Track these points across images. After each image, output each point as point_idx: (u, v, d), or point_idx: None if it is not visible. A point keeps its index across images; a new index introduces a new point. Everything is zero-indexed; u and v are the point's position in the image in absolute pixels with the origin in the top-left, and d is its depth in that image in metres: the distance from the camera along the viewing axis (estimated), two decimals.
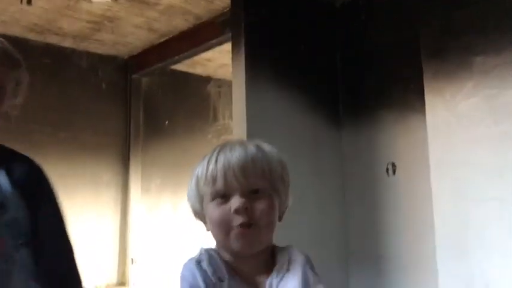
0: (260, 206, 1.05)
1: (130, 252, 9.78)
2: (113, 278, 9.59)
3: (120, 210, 9.93)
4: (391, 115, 5.42)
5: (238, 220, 1.04)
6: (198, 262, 1.06)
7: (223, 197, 1.06)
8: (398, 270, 5.11)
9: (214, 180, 1.08)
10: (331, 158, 5.56)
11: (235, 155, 1.07)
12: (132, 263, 9.79)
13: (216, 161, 1.09)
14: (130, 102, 10.09)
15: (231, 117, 5.70)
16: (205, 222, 1.17)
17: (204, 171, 1.10)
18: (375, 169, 5.39)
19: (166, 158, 10.48)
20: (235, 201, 1.04)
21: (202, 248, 1.13)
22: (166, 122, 10.22)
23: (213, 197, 1.08)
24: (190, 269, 1.05)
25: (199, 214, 1.18)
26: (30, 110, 8.70)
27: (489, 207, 4.11)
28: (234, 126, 5.11)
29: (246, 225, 1.04)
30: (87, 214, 9.34)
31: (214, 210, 1.08)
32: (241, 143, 1.11)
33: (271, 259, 1.12)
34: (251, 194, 1.05)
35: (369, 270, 5.31)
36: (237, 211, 1.03)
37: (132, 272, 9.76)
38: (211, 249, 1.14)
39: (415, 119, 5.13)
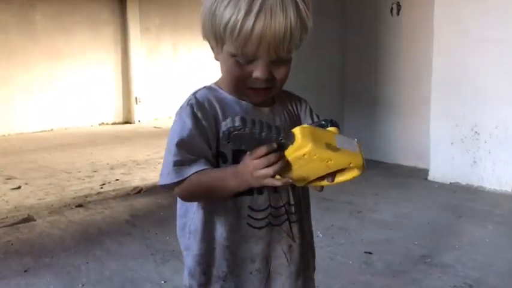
0: (281, 72, 0.99)
1: (134, 92, 10.03)
2: (119, 116, 9.97)
3: (121, 50, 9.88)
4: None
5: (257, 84, 0.99)
6: (192, 107, 1.00)
7: (247, 58, 0.96)
8: (391, 112, 5.27)
9: (244, 42, 0.93)
10: None
11: (275, 25, 0.91)
12: (137, 102, 10.11)
13: (254, 24, 0.91)
14: None
15: None
16: (214, 52, 1.05)
17: (237, 27, 0.91)
18: (379, 8, 5.22)
19: None
20: (260, 70, 0.96)
21: (192, 95, 1.05)
22: None
23: (234, 55, 0.96)
24: (184, 115, 1.00)
25: (213, 47, 1.04)
26: None
27: (489, 48, 4.09)
28: None
29: (264, 89, 1.01)
30: (88, 54, 9.32)
31: (232, 67, 0.98)
32: (282, 5, 0.92)
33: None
34: (275, 59, 0.97)
35: (363, 111, 5.48)
36: (260, 79, 0.97)
37: (137, 110, 10.14)
38: (209, 88, 1.08)
39: None
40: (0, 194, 4.33)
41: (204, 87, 1.09)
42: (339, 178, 0.91)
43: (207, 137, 1.00)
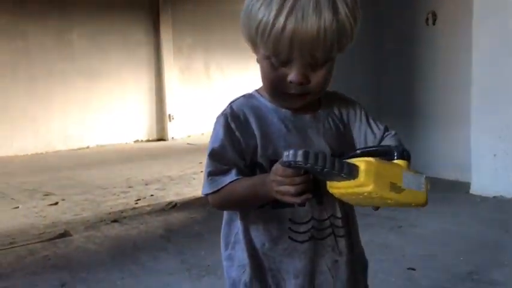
0: (318, 76, 0.94)
1: (168, 110, 10.15)
2: (153, 134, 10.09)
3: (154, 69, 10.05)
4: None
5: (292, 89, 0.94)
6: (226, 118, 1.00)
7: (280, 60, 0.92)
8: (430, 123, 5.13)
9: (276, 43, 0.89)
10: (368, 7, 5.28)
11: (306, 25, 0.87)
12: (170, 119, 10.22)
13: (285, 24, 0.87)
14: None
15: None
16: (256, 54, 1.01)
17: (268, 26, 0.89)
18: (415, 19, 5.12)
19: (196, 17, 10.23)
20: (294, 73, 0.92)
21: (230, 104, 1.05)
22: None
23: (268, 57, 0.93)
24: (218, 126, 1.01)
25: (252, 48, 1.01)
26: None
27: None
28: None
29: (300, 95, 0.96)
30: (123, 73, 9.50)
31: (268, 71, 0.95)
32: (316, 5, 0.88)
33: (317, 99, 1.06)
34: (311, 62, 0.93)
35: (400, 123, 5.34)
36: (294, 83, 0.93)
37: (170, 127, 10.25)
38: (247, 97, 1.06)
39: None
40: (37, 210, 4.39)
41: (243, 95, 1.07)
42: None
43: (239, 147, 0.98)
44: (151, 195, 4.82)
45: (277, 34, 0.88)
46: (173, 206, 4.28)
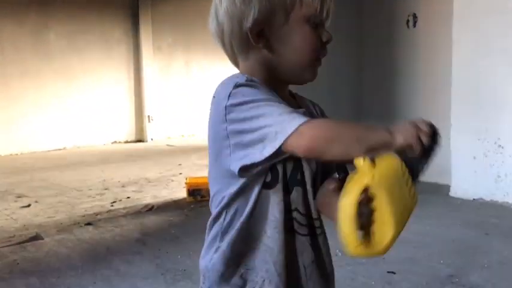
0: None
1: (147, 110, 10.01)
2: (132, 135, 9.94)
3: (133, 68, 9.89)
4: None
5: (324, 52, 0.94)
6: (248, 80, 0.87)
7: (320, 18, 0.92)
8: None
9: (322, 1, 0.91)
10: (349, 10, 5.25)
11: None
12: (149, 120, 10.07)
13: None
14: None
15: None
16: (259, 36, 0.90)
17: None
18: (395, 21, 5.11)
19: (177, 15, 10.12)
20: (327, 33, 0.93)
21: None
22: None
23: (309, 20, 0.90)
24: (244, 90, 0.85)
25: (267, 23, 0.90)
26: None
27: (509, 60, 3.94)
28: None
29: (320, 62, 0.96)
30: (101, 73, 9.33)
31: (309, 35, 0.91)
32: None
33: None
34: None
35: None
36: (329, 41, 0.94)
37: (149, 128, 10.10)
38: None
39: None
40: (9, 213, 4.24)
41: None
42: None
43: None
44: (128, 197, 4.71)
45: None
46: (150, 209, 4.17)
